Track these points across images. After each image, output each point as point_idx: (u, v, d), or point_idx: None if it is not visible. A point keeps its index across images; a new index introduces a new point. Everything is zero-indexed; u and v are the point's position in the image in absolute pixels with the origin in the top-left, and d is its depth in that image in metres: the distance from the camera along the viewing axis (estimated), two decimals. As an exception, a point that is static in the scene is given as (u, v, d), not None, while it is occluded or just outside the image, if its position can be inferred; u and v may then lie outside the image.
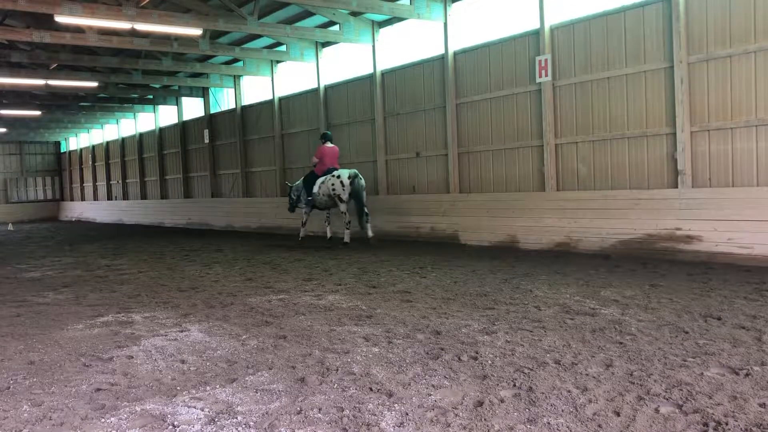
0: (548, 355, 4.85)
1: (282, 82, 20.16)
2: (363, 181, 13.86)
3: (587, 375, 4.34)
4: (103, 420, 3.84)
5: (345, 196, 13.64)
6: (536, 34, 12.38)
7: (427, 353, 5.02)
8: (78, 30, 15.40)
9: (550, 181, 12.37)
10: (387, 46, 16.10)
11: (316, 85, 18.34)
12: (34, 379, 4.74)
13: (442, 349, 5.11)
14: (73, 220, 36.27)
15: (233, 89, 22.44)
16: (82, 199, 37.75)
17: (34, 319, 7.09)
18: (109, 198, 33.92)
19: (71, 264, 12.85)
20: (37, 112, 27.15)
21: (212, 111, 24.10)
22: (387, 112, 16.11)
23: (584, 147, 11.88)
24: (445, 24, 14.19)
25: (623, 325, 5.68)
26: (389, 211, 15.58)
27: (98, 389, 4.44)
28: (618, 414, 3.64)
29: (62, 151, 40.60)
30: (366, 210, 13.79)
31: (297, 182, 15.52)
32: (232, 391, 4.30)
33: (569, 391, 4.02)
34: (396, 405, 3.90)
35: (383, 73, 16.10)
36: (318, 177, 14.33)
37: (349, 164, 17.40)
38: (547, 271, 9.06)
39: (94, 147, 35.60)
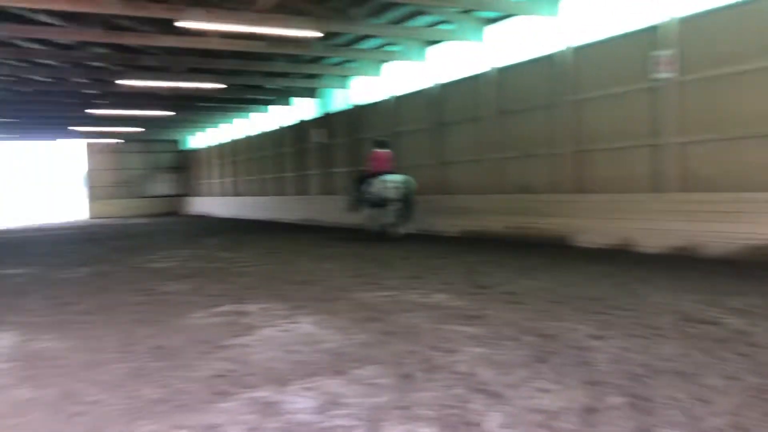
0: (665, 363, 4.63)
1: (394, 81, 20.36)
2: (413, 185, 15.11)
3: (708, 387, 4.10)
4: (220, 404, 4.05)
5: (395, 198, 14.96)
6: (656, 28, 11.80)
7: (535, 356, 4.93)
8: (202, 34, 16.25)
9: (670, 181, 11.77)
10: (498, 44, 15.90)
11: (427, 84, 18.39)
12: (159, 363, 5.07)
13: (551, 353, 5.00)
14: (197, 214, 38.41)
15: (346, 89, 22.94)
16: (205, 194, 39.88)
17: (160, 307, 7.58)
18: (230, 194, 35.62)
19: (194, 256, 13.61)
20: (166, 113, 28.96)
21: (326, 111, 24.74)
22: (498, 110, 15.90)
23: (710, 146, 11.19)
24: (561, 20, 13.83)
25: (750, 337, 5.32)
26: (499, 211, 15.37)
27: (216, 375, 4.69)
28: (741, 430, 3.42)
29: (188, 149, 43.07)
30: (411, 213, 15.16)
31: (355, 184, 16.71)
32: (340, 383, 4.41)
33: (687, 403, 3.82)
34: (502, 406, 3.86)
35: (495, 71, 15.90)
36: (372, 178, 15.58)
37: (459, 163, 17.39)
38: (664, 276, 8.63)
39: (216, 145, 37.50)
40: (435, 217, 17.32)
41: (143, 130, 34.93)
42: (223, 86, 22.31)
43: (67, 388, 4.48)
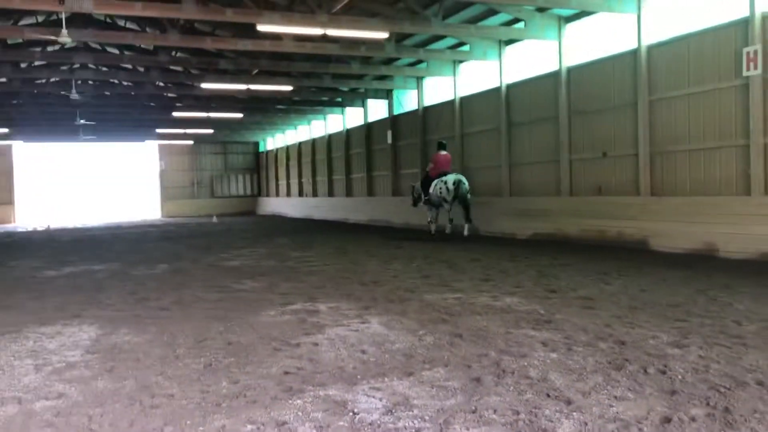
0: (749, 374, 4.41)
1: (463, 82, 20.25)
2: (467, 186, 15.80)
3: (797, 401, 3.88)
4: (290, 401, 4.11)
5: (449, 198, 15.74)
6: (744, 23, 11.27)
7: (610, 363, 4.79)
8: (276, 38, 16.61)
9: (759, 183, 11.21)
10: (573, 42, 15.55)
11: (497, 84, 18.19)
12: (232, 359, 5.19)
13: (627, 360, 4.84)
14: (268, 214, 39.26)
15: (416, 90, 22.96)
16: (276, 195, 40.75)
17: (233, 304, 7.77)
18: (300, 195, 36.26)
19: (266, 255, 13.90)
20: (240, 115, 29.77)
21: (395, 112, 24.84)
22: (572, 110, 15.56)
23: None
24: (639, 16, 13.41)
25: (844, 349, 5.00)
26: (572, 213, 15.04)
27: (286, 372, 4.77)
28: (835, 448, 3.22)
29: (260, 150, 44.15)
30: (469, 212, 15.78)
31: (417, 184, 17.62)
32: (409, 384, 4.40)
33: (774, 417, 3.62)
34: (574, 413, 3.76)
35: (569, 70, 15.57)
36: (432, 180, 16.44)
37: (530, 164, 17.12)
38: (751, 284, 8.23)
39: (287, 147, 38.28)
40: (506, 220, 17.12)
41: (213, 131, 35.95)
42: (291, 88, 22.72)
43: (144, 381, 4.65)
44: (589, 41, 15.18)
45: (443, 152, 16.84)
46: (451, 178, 15.79)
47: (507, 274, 9.80)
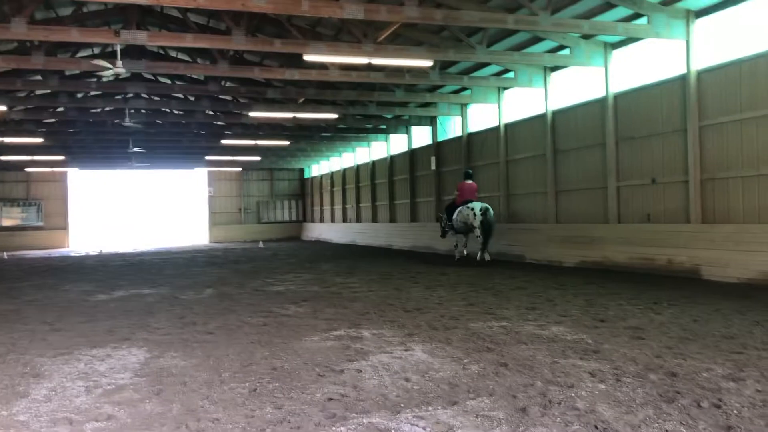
0: (811, 411, 4.22)
1: (508, 109, 20.21)
2: (492, 214, 16.44)
3: None
4: (333, 428, 4.10)
5: (477, 224, 16.37)
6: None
7: (661, 395, 4.65)
8: (322, 67, 16.90)
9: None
10: (620, 68, 15.40)
11: (543, 111, 18.09)
12: (276, 384, 5.22)
13: (678, 393, 4.69)
14: (313, 240, 39.57)
15: (460, 117, 22.99)
16: (321, 220, 41.12)
17: (278, 329, 7.83)
18: (344, 220, 36.50)
19: (310, 280, 13.99)
20: (286, 142, 30.27)
21: (439, 139, 24.89)
22: (619, 136, 15.35)
23: None
24: (688, 42, 13.21)
25: None
26: (620, 241, 14.75)
27: (330, 398, 4.76)
28: None
29: (305, 177, 44.71)
30: (489, 240, 16.52)
31: (443, 214, 18.48)
32: (453, 413, 4.35)
33: (838, 456, 3.46)
34: (624, 447, 3.66)
35: (616, 96, 15.40)
36: (457, 207, 17.25)
37: (576, 191, 16.91)
38: (809, 315, 7.91)
39: (332, 173, 38.69)
40: (552, 247, 16.90)
41: (260, 158, 36.59)
42: (336, 116, 23.03)
43: (191, 405, 4.70)
44: (636, 67, 15.01)
45: (469, 181, 17.59)
46: (478, 205, 16.51)
47: (553, 302, 9.64)
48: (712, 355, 5.87)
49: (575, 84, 17.13)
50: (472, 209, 16.41)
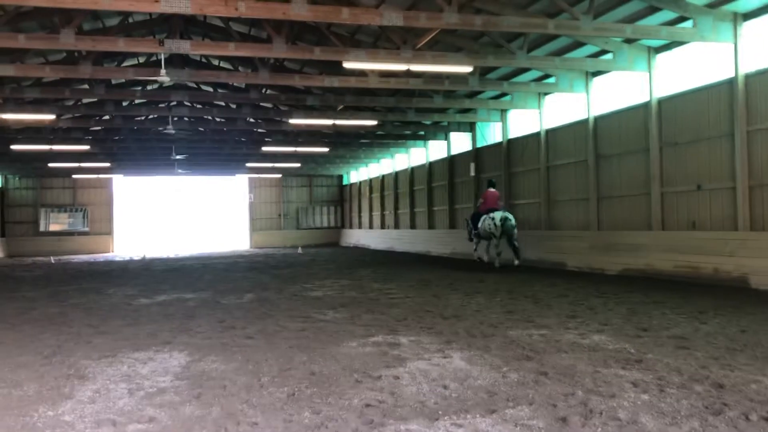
0: None
1: (549, 114, 20.00)
2: (513, 222, 17.05)
3: None
4: (371, 434, 4.10)
5: (497, 233, 17.15)
6: None
7: (707, 407, 4.52)
8: (361, 74, 16.99)
9: None
10: (664, 72, 15.12)
11: (585, 116, 17.86)
12: (314, 389, 5.24)
13: (726, 405, 4.56)
14: (351, 246, 39.73)
15: (500, 123, 22.83)
16: (359, 227, 41.27)
17: (316, 334, 7.87)
18: (382, 227, 36.55)
19: (348, 286, 14.04)
20: (325, 149, 30.47)
21: (479, 145, 24.76)
22: (663, 141, 15.05)
23: None
24: (735, 45, 12.90)
25: None
26: (664, 249, 14.44)
27: (367, 405, 4.76)
28: None
29: (344, 183, 44.97)
30: (516, 244, 17.14)
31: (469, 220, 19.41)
32: (491, 422, 4.30)
33: None
34: (668, 460, 3.57)
35: (660, 101, 15.12)
36: (482, 215, 18.03)
37: (619, 197, 16.65)
38: None
39: (371, 180, 38.83)
40: (594, 254, 16.65)
41: (300, 165, 36.93)
42: (375, 122, 23.09)
43: (230, 409, 4.76)
44: (681, 71, 14.71)
45: (492, 189, 18.45)
46: (498, 215, 17.18)
47: (595, 310, 9.48)
48: (761, 367, 5.69)
49: (618, 88, 16.87)
50: (493, 219, 17.24)
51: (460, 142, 26.75)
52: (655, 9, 13.19)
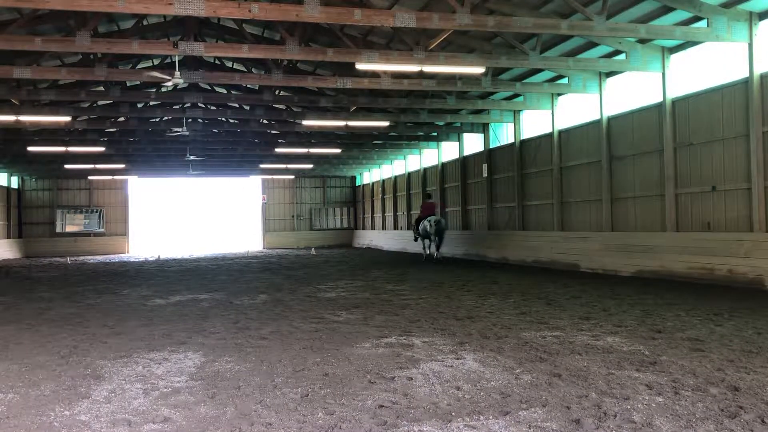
0: None
1: (562, 115, 19.93)
2: (443, 224, 22.58)
3: None
4: (384, 435, 4.10)
5: (432, 232, 22.47)
6: None
7: (722, 410, 4.49)
8: (374, 75, 17.01)
9: None
10: (678, 72, 15.01)
11: (598, 117, 17.78)
12: (328, 390, 5.25)
13: (741, 408, 4.52)
14: (364, 247, 39.75)
15: (512, 123, 22.79)
16: (372, 228, 41.30)
17: (329, 335, 7.88)
18: (395, 228, 36.55)
19: (361, 287, 14.05)
20: (338, 150, 30.52)
21: (491, 146, 24.71)
22: (677, 142, 14.95)
23: None
24: (750, 45, 12.79)
25: None
26: (678, 250, 14.34)
27: (381, 406, 4.77)
28: None
29: (356, 184, 45.02)
30: (441, 244, 22.78)
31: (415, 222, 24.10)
32: (505, 423, 4.29)
33: None
34: (684, 463, 3.54)
35: (674, 101, 15.02)
36: (421, 220, 23.26)
37: (632, 198, 16.56)
38: None
39: (383, 181, 38.84)
40: (607, 256, 16.57)
41: (313, 166, 36.97)
42: (388, 124, 23.11)
43: (244, 409, 4.78)
44: (696, 71, 14.61)
45: (430, 200, 24.19)
46: (432, 219, 22.46)
47: (609, 312, 9.43)
48: (777, 370, 5.64)
49: (631, 89, 16.78)
50: (429, 221, 22.47)
51: (473, 143, 26.73)
52: (668, 9, 13.11)
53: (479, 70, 15.19)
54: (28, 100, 19.87)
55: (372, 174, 41.51)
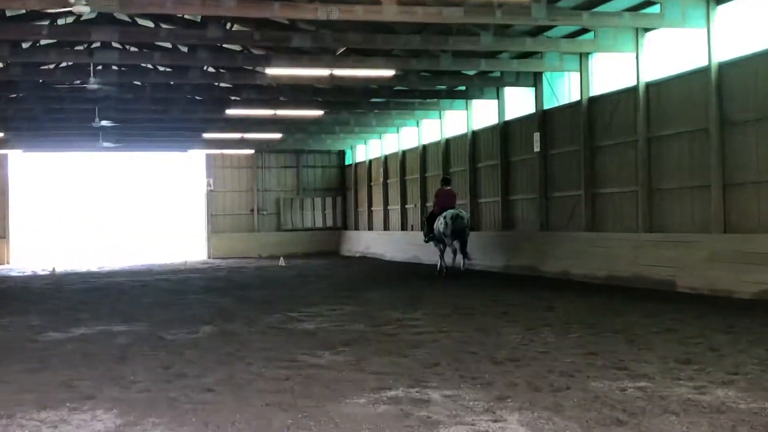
0: None
1: (651, 61, 19.86)
2: (465, 221, 22.26)
3: None
4: None
5: (448, 233, 22.02)
6: None
7: None
8: (373, 2, 16.85)
9: None
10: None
11: (705, 62, 17.68)
12: (304, 467, 5.26)
13: None
14: (357, 255, 39.73)
15: (578, 73, 22.68)
16: (369, 227, 41.22)
17: (306, 386, 7.88)
18: (403, 227, 36.46)
19: (352, 315, 14.07)
20: (319, 112, 30.44)
21: (546, 106, 24.66)
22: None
23: None
24: None
25: None
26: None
27: (383, 491, 4.77)
28: None
29: (347, 163, 44.89)
30: (465, 249, 22.48)
31: (435, 219, 23.54)
32: None
33: None
34: None
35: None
36: (436, 216, 22.93)
37: (755, 183, 16.47)
38: None
39: (386, 157, 38.68)
40: (716, 268, 16.51)
41: (282, 136, 36.56)
42: (392, 73, 22.96)
43: (180, 494, 4.77)
44: None
45: (447, 187, 23.55)
46: (449, 213, 22.07)
47: (719, 352, 9.44)
48: None
49: (754, 24, 16.68)
50: (444, 217, 22.18)
51: (520, 103, 26.67)
52: None
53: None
54: None
55: (369, 148, 41.42)
